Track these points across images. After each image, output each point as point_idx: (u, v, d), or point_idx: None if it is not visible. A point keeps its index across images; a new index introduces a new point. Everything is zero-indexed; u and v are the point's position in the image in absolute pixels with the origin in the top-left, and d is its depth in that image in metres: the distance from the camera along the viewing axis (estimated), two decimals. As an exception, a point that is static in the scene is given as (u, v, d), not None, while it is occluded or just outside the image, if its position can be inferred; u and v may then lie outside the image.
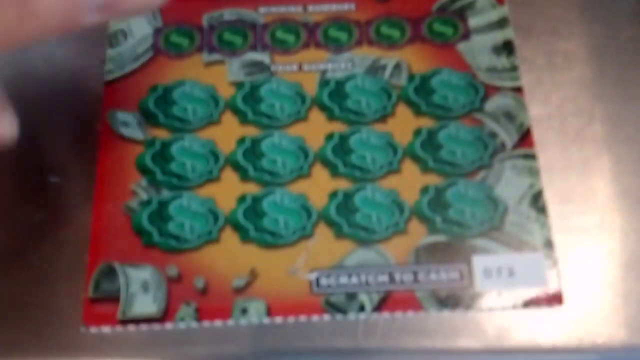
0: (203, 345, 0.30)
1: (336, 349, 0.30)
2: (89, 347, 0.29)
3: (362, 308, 0.31)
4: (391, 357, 0.30)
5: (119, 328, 0.30)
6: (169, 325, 0.30)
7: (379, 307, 0.31)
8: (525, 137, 0.34)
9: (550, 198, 0.33)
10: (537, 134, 0.34)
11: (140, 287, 0.31)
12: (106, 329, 0.30)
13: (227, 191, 0.33)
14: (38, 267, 0.31)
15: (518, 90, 0.35)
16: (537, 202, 0.33)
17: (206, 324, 0.30)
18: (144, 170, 0.33)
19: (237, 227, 0.32)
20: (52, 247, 0.31)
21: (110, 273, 0.31)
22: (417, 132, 0.35)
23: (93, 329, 0.30)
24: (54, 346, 0.30)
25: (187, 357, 0.30)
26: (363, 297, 0.31)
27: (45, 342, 0.30)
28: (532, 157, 0.34)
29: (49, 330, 0.30)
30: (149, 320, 0.30)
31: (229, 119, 0.35)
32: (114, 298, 0.30)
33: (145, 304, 0.30)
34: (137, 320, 0.30)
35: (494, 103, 0.35)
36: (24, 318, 0.30)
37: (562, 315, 0.31)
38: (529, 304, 0.31)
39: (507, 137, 0.34)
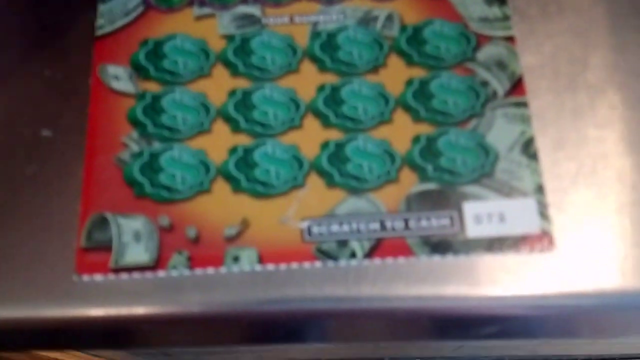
0: (195, 292, 0.30)
1: (327, 296, 0.30)
2: (82, 295, 0.30)
3: (353, 255, 0.31)
4: (382, 303, 0.30)
5: (111, 276, 0.30)
6: (161, 274, 0.30)
7: (370, 254, 0.31)
8: (517, 86, 0.34)
9: (542, 145, 0.33)
10: (529, 83, 0.34)
11: (132, 236, 0.31)
12: (98, 277, 0.30)
13: (219, 143, 0.33)
14: (30, 218, 0.31)
15: (510, 39, 0.35)
16: (528, 149, 0.33)
17: (198, 271, 0.30)
18: (135, 123, 0.33)
19: (229, 178, 0.32)
20: (44, 199, 0.31)
21: (102, 223, 0.31)
22: (409, 83, 0.34)
23: (85, 278, 0.30)
24: (48, 295, 0.30)
25: (179, 304, 0.30)
26: (354, 244, 0.31)
27: (38, 291, 0.30)
28: (523, 105, 0.33)
29: (42, 279, 0.30)
30: (141, 268, 0.30)
31: (220, 71, 0.35)
32: (106, 247, 0.31)
33: (137, 253, 0.31)
34: (129, 269, 0.30)
35: (486, 52, 0.35)
36: (17, 268, 0.30)
37: (554, 260, 0.31)
38: (520, 249, 0.31)
39: (499, 85, 0.34)
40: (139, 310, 0.29)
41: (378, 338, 0.36)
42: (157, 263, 0.30)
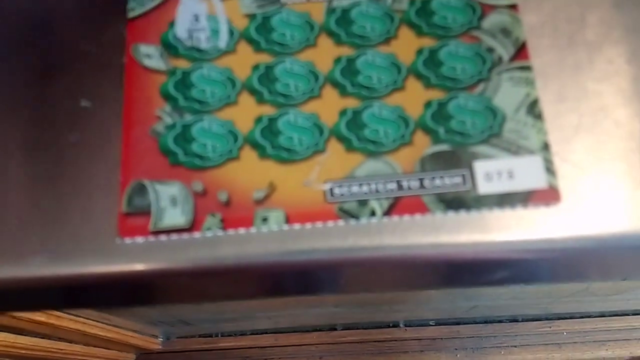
0: (228, 248, 0.31)
1: (350, 247, 0.31)
2: (125, 255, 0.31)
3: (373, 213, 0.32)
4: (401, 251, 0.31)
5: (151, 238, 0.31)
6: (197, 235, 0.31)
7: (388, 212, 0.32)
8: (520, 51, 0.35)
9: (544, 99, 0.33)
10: (531, 42, 0.35)
11: (169, 201, 0.32)
12: (139, 239, 0.31)
13: (245, 113, 0.34)
14: (74, 184, 0.32)
15: (513, 7, 0.36)
16: (533, 109, 0.33)
17: (230, 232, 0.32)
18: (167, 97, 0.34)
19: (255, 145, 0.33)
20: (87, 167, 0.33)
21: (141, 190, 0.32)
22: (420, 52, 0.35)
23: (128, 240, 0.31)
24: (93, 254, 0.31)
25: (214, 259, 0.31)
26: (374, 204, 0.32)
27: (84, 251, 0.31)
28: (527, 68, 0.34)
29: (87, 240, 0.31)
30: (178, 230, 0.31)
31: (244, 48, 0.36)
32: (145, 212, 0.32)
33: (175, 216, 0.32)
34: (167, 231, 0.32)
35: (491, 21, 0.36)
36: (64, 229, 0.31)
37: (561, 207, 0.31)
38: (528, 203, 0.32)
39: (504, 51, 0.35)
40: (178, 265, 0.31)
41: (397, 285, 0.37)
42: (193, 225, 0.32)
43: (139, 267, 0.30)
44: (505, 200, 0.32)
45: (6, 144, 0.33)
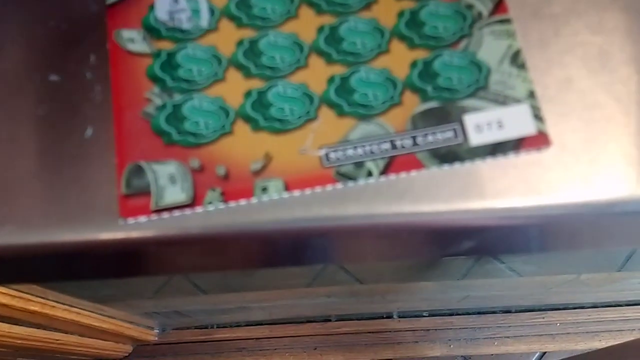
0: (230, 219, 0.31)
1: (348, 215, 0.31)
2: (129, 234, 0.31)
3: (369, 174, 0.32)
4: (398, 218, 0.31)
5: (153, 216, 0.31)
6: (199, 209, 0.31)
7: (385, 171, 0.32)
8: (499, 5, 0.35)
9: (526, 45, 0.34)
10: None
11: (168, 179, 0.32)
12: (142, 219, 0.31)
13: (234, 89, 0.34)
14: (76, 167, 0.32)
15: (488, -37, 0.36)
16: (516, 60, 0.34)
17: (232, 204, 0.31)
18: (154, 79, 0.34)
19: (248, 119, 0.33)
20: (82, 147, 0.32)
21: (138, 171, 0.32)
22: (401, 14, 0.35)
23: (130, 220, 0.31)
24: (96, 234, 0.31)
25: (217, 229, 0.31)
26: (370, 165, 0.32)
27: (86, 231, 0.31)
28: (507, 21, 0.34)
29: (90, 224, 0.31)
30: (180, 207, 0.31)
31: (226, 25, 0.35)
32: (145, 192, 0.31)
33: (175, 194, 0.31)
34: (169, 209, 0.31)
35: (467, -21, 0.36)
36: (66, 214, 0.31)
37: (552, 158, 0.32)
38: (519, 150, 0.32)
39: (483, 7, 0.35)
40: (185, 235, 0.30)
41: (400, 250, 0.37)
42: (194, 201, 0.31)
43: (146, 235, 0.30)
44: (497, 149, 0.32)
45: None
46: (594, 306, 1.33)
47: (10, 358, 0.91)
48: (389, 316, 1.38)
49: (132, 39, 0.35)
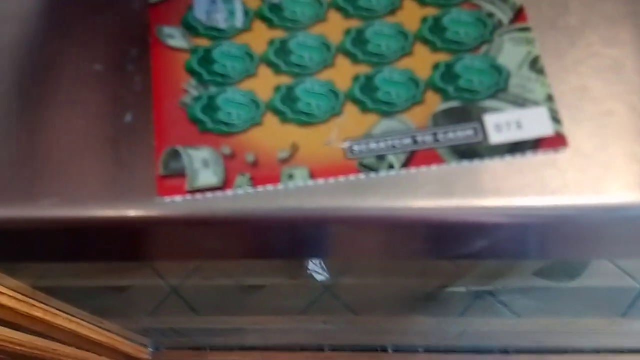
0: (257, 203, 0.32)
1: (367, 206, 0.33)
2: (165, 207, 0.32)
3: (391, 166, 0.33)
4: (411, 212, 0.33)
5: (187, 196, 0.33)
6: (229, 192, 0.33)
7: (405, 165, 0.33)
8: (518, 14, 0.36)
9: (542, 54, 0.35)
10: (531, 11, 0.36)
11: (202, 164, 0.33)
12: (177, 198, 0.33)
13: (264, 84, 0.36)
14: (116, 148, 0.34)
15: (509, -25, 0.38)
16: (535, 65, 0.35)
17: (259, 189, 0.33)
18: (192, 72, 0.36)
19: (277, 112, 0.35)
20: (122, 131, 0.34)
21: (175, 155, 0.34)
22: (424, 19, 0.37)
23: (166, 199, 0.33)
24: (134, 211, 0.32)
25: (244, 213, 0.32)
26: (391, 158, 0.33)
27: (126, 209, 0.32)
28: (527, 29, 0.36)
29: (129, 201, 0.32)
30: (212, 189, 0.33)
31: (259, 26, 0.37)
32: (180, 174, 0.33)
33: (208, 177, 0.33)
34: (201, 190, 0.33)
35: (489, -11, 0.37)
36: (107, 191, 0.33)
37: (566, 160, 0.33)
38: (537, 149, 0.33)
39: (503, 15, 0.37)
40: (215, 216, 0.32)
41: (417, 246, 0.38)
42: (225, 184, 0.33)
43: (180, 213, 0.31)
44: (516, 148, 0.33)
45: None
46: (595, 351, 1.29)
47: (7, 365, 0.91)
48: (384, 349, 1.35)
49: (172, 35, 0.37)
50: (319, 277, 0.94)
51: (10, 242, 0.36)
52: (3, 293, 0.73)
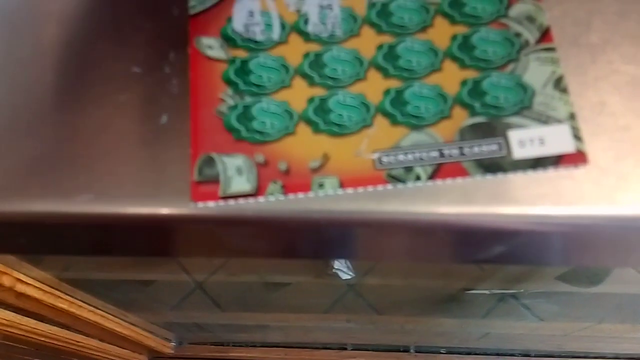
0: (289, 208, 0.34)
1: (399, 211, 0.34)
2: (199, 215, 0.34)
3: (418, 178, 0.34)
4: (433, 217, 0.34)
5: (221, 202, 0.34)
6: (261, 199, 0.34)
7: (432, 177, 0.34)
8: (545, 35, 0.37)
9: (564, 70, 0.36)
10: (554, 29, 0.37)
11: (235, 171, 0.35)
12: (211, 204, 0.34)
13: (298, 95, 0.37)
14: (151, 148, 0.35)
15: (537, -4, 0.38)
16: (559, 84, 0.36)
17: (291, 196, 0.34)
18: (229, 82, 0.37)
19: (309, 122, 0.36)
20: (157, 132, 0.36)
21: (209, 161, 0.35)
22: (454, 37, 0.38)
23: (200, 204, 0.34)
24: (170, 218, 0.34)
25: (276, 220, 0.34)
26: (418, 170, 0.34)
27: (160, 211, 0.34)
28: (552, 49, 0.37)
29: (162, 200, 0.34)
30: (244, 195, 0.34)
31: (294, 39, 0.39)
32: (214, 180, 0.34)
33: (241, 184, 0.34)
34: (235, 197, 0.34)
35: (517, 9, 0.38)
36: (139, 190, 0.34)
37: (583, 173, 0.34)
38: (558, 165, 0.34)
39: (530, 35, 0.37)
40: (246, 217, 0.33)
41: (442, 250, 0.39)
42: (257, 191, 0.34)
43: (211, 213, 0.33)
44: (538, 163, 0.34)
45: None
46: (616, 357, 1.29)
47: (30, 357, 0.93)
48: (406, 350, 1.36)
49: (211, 45, 0.38)
50: (344, 276, 0.95)
51: (46, 236, 0.38)
52: (29, 284, 0.75)
